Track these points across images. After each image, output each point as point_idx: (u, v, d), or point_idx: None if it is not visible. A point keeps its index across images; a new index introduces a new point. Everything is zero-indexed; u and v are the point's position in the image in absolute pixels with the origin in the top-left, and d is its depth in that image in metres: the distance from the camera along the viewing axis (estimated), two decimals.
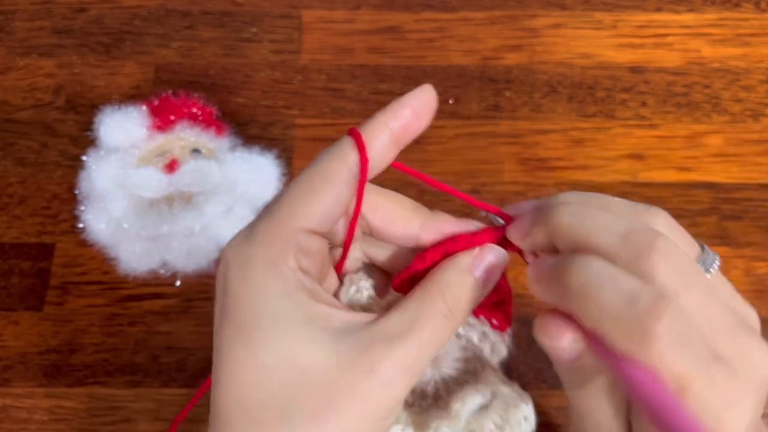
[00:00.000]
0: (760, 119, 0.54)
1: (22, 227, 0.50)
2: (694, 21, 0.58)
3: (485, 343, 0.31)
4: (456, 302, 0.27)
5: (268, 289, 0.25)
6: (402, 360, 0.25)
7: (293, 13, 0.58)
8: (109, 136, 0.50)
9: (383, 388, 0.24)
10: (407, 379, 0.25)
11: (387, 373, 0.24)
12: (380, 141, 0.27)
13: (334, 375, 0.24)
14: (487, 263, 0.28)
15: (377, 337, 0.25)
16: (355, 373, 0.24)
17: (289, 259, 0.25)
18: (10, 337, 0.47)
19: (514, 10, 0.58)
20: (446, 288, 0.27)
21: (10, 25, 0.58)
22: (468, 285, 0.28)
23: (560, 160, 0.53)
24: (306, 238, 0.26)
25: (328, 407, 0.24)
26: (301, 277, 0.26)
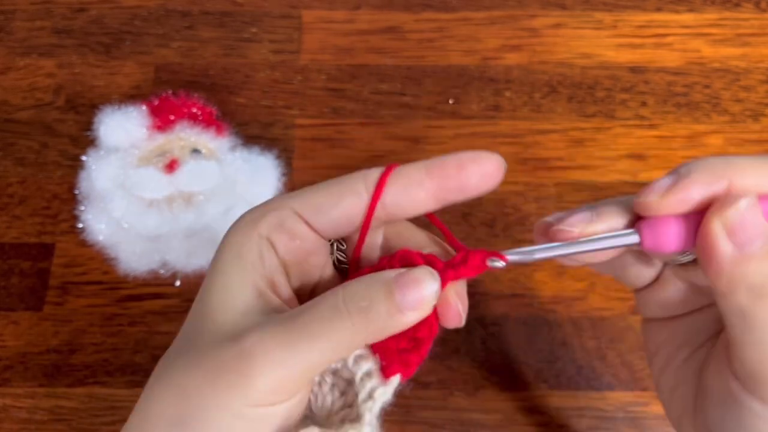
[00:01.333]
0: (760, 119, 0.54)
1: (22, 227, 0.51)
2: (694, 21, 0.58)
3: (364, 385, 0.26)
4: (354, 298, 0.24)
5: (232, 245, 0.26)
6: (269, 341, 0.23)
7: (293, 13, 0.58)
8: (109, 136, 0.50)
9: (241, 363, 0.23)
10: (273, 365, 0.23)
11: (248, 348, 0.23)
12: (414, 190, 0.26)
13: (219, 337, 0.24)
14: (409, 279, 0.25)
15: (272, 319, 0.24)
16: (228, 341, 0.24)
17: (261, 223, 0.26)
18: (10, 337, 0.47)
19: (514, 10, 0.58)
20: (350, 283, 0.25)
21: (10, 25, 0.58)
22: (378, 289, 0.24)
23: (560, 160, 0.53)
24: (291, 218, 0.26)
25: (196, 361, 0.24)
26: (264, 246, 0.26)
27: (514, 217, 0.51)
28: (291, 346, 0.23)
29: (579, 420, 0.46)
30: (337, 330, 0.24)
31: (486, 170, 0.27)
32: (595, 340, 0.48)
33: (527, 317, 0.48)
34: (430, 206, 0.27)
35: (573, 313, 0.48)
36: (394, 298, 0.24)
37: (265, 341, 0.23)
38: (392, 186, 0.26)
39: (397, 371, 0.26)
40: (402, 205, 0.27)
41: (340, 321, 0.24)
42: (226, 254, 0.26)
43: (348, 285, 0.25)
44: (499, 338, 0.48)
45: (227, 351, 0.24)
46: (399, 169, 0.27)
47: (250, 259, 0.26)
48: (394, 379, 0.26)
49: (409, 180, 0.26)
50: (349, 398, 0.26)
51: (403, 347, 0.26)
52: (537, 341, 0.48)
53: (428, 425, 0.45)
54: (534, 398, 0.46)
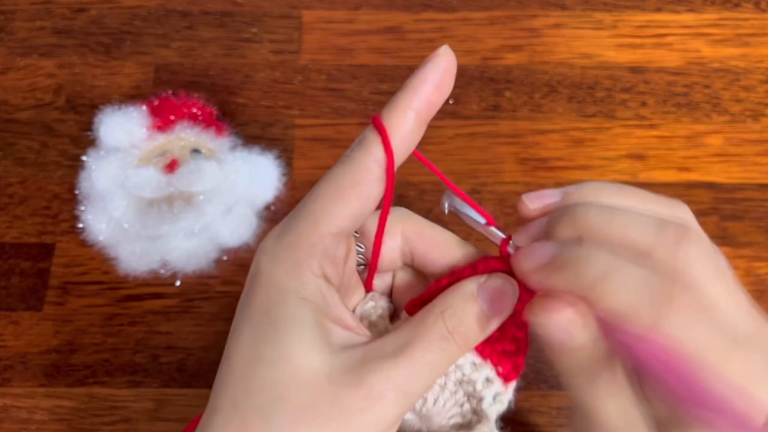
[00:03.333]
0: (760, 119, 0.54)
1: (22, 227, 0.50)
2: (694, 21, 0.58)
3: (488, 390, 0.29)
4: (456, 325, 0.26)
5: (288, 291, 0.25)
6: (392, 377, 0.24)
7: (293, 13, 0.58)
8: (109, 136, 0.50)
9: (370, 404, 0.24)
10: (397, 399, 0.24)
11: (375, 389, 0.24)
12: (406, 126, 0.27)
13: (322, 382, 0.24)
14: (493, 290, 0.27)
15: (371, 354, 0.25)
16: (342, 384, 0.24)
17: (313, 264, 0.25)
18: (10, 337, 0.47)
19: (514, 10, 0.58)
20: (447, 310, 0.26)
21: (10, 25, 0.58)
22: (470, 309, 0.26)
23: (560, 160, 0.53)
24: (333, 242, 0.26)
25: (309, 412, 0.24)
26: (322, 285, 0.26)
27: (514, 217, 0.51)
28: (416, 379, 0.25)
29: None
30: (449, 355, 0.26)
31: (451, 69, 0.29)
32: None
33: None
34: (420, 134, 0.28)
35: None
36: (484, 315, 0.26)
37: (392, 378, 0.24)
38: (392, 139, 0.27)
39: (512, 374, 0.29)
40: (402, 150, 0.27)
41: (450, 348, 0.26)
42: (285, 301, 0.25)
43: (446, 312, 0.26)
44: None
45: (350, 395, 0.24)
46: (387, 118, 0.27)
47: (317, 304, 0.25)
48: (512, 383, 0.29)
49: (403, 122, 0.27)
50: (459, 397, 0.29)
51: (509, 350, 0.28)
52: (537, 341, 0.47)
53: None
54: (534, 398, 0.46)
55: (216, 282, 0.49)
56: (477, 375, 0.28)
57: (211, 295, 0.48)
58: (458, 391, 0.29)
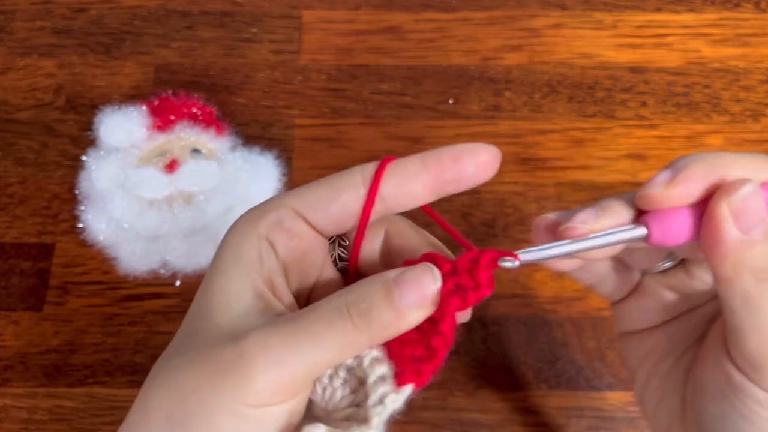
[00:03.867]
0: (760, 119, 0.54)
1: (22, 227, 0.51)
2: (694, 21, 0.58)
3: (377, 387, 0.25)
4: (356, 301, 0.24)
5: (230, 249, 0.26)
6: (269, 343, 0.23)
7: (293, 13, 0.58)
8: (109, 136, 0.50)
9: (241, 364, 0.23)
10: (273, 367, 0.23)
11: (248, 350, 0.23)
12: (411, 182, 0.26)
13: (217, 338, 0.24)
14: (411, 280, 0.25)
15: (271, 320, 0.24)
16: (227, 342, 0.24)
17: (260, 223, 0.26)
18: (10, 337, 0.47)
19: (514, 10, 0.58)
20: (352, 287, 0.25)
21: (10, 25, 0.58)
22: (378, 290, 0.24)
23: (560, 160, 0.53)
24: (290, 216, 0.26)
25: (195, 359, 0.24)
26: (263, 246, 0.26)
27: (514, 217, 0.51)
28: (292, 347, 0.23)
29: (579, 420, 0.46)
30: (339, 331, 0.24)
31: (481, 161, 0.26)
32: (595, 340, 0.48)
33: (527, 317, 0.48)
34: (426, 198, 0.27)
35: (573, 313, 0.48)
36: (393, 299, 0.24)
37: (266, 341, 0.23)
38: (389, 179, 0.26)
39: (410, 380, 0.26)
40: (399, 198, 0.27)
41: (342, 322, 0.24)
42: (226, 255, 0.26)
43: (350, 288, 0.25)
44: (499, 338, 0.48)
45: (227, 351, 0.23)
46: (395, 162, 0.27)
47: (250, 260, 0.26)
48: (406, 388, 0.26)
49: (406, 172, 0.26)
50: (359, 397, 0.26)
51: (417, 355, 0.26)
52: (537, 341, 0.48)
53: (428, 425, 0.45)
54: (534, 398, 0.46)
55: None
56: (371, 370, 0.26)
57: None
58: (359, 389, 0.26)
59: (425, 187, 0.26)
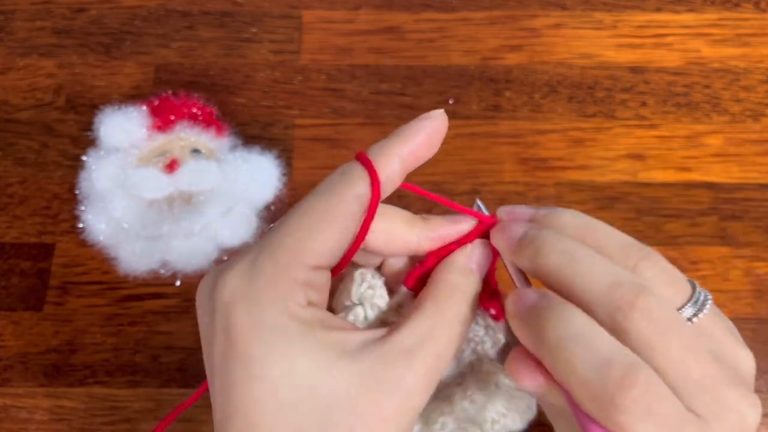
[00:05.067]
0: (760, 119, 0.54)
1: (22, 227, 0.51)
2: (694, 21, 0.58)
3: (488, 335, 0.31)
4: (465, 303, 0.27)
5: (279, 328, 0.24)
6: (423, 371, 0.25)
7: (293, 13, 0.58)
8: (109, 136, 0.50)
9: (407, 402, 0.24)
10: (429, 388, 0.25)
11: (409, 387, 0.24)
12: (390, 170, 0.27)
13: (358, 398, 0.23)
14: (479, 257, 0.29)
15: (395, 352, 0.24)
16: (378, 392, 0.24)
17: (298, 297, 0.25)
18: (10, 337, 0.47)
19: (514, 10, 0.58)
20: (456, 291, 0.27)
21: (10, 25, 0.58)
22: (473, 283, 0.28)
23: (560, 160, 0.53)
24: (313, 274, 0.25)
25: (356, 430, 0.23)
26: (313, 312, 0.25)
27: None
28: (439, 368, 0.26)
29: None
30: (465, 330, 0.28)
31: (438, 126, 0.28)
32: None
33: None
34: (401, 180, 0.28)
35: None
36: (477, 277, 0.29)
37: (419, 376, 0.25)
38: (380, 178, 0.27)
39: (501, 314, 0.30)
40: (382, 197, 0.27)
41: (466, 326, 0.28)
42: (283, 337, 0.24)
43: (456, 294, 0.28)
44: None
45: (387, 401, 0.24)
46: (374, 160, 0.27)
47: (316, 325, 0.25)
48: (503, 322, 0.31)
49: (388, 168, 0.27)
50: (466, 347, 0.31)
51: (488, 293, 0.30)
52: None
53: None
54: None
55: None
56: (477, 327, 0.31)
57: None
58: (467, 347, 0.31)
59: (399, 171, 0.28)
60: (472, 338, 0.31)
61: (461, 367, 0.31)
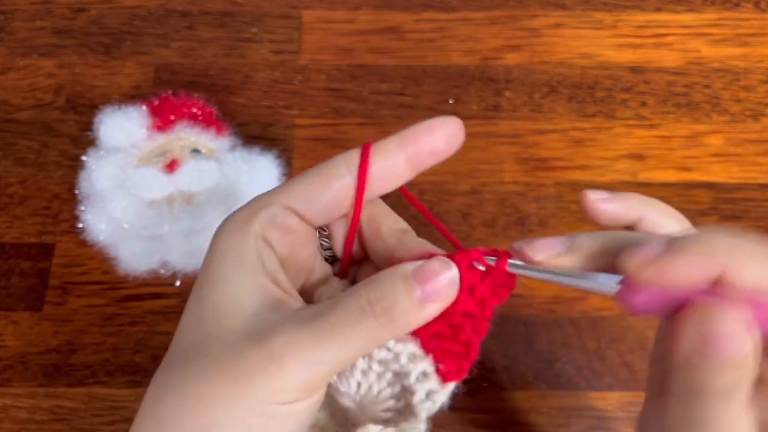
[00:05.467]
0: (760, 119, 0.54)
1: (22, 227, 0.50)
2: (694, 21, 0.58)
3: (421, 385, 0.26)
4: (379, 299, 0.24)
5: (227, 248, 0.26)
6: (296, 343, 0.24)
7: (293, 13, 0.58)
8: (109, 136, 0.50)
9: (270, 365, 0.23)
10: (298, 366, 0.24)
11: (277, 351, 0.24)
12: (393, 160, 0.27)
13: (238, 340, 0.24)
14: (429, 272, 0.25)
15: (290, 317, 0.25)
16: (251, 343, 0.24)
17: (254, 223, 0.26)
18: (10, 337, 0.47)
19: (514, 10, 0.58)
20: (372, 282, 0.25)
21: (10, 25, 0.58)
22: (398, 286, 0.25)
23: (560, 160, 0.53)
24: (282, 213, 0.27)
25: (218, 366, 0.24)
26: (261, 245, 0.26)
27: (514, 217, 0.51)
28: (320, 347, 0.24)
29: (579, 420, 0.46)
30: (364, 329, 0.24)
31: (451, 132, 0.28)
32: (595, 341, 0.48)
33: (527, 317, 0.48)
34: (406, 176, 0.28)
35: (573, 313, 0.48)
36: (415, 293, 0.25)
37: (294, 341, 0.24)
38: (373, 162, 0.27)
39: (454, 377, 0.27)
40: (382, 180, 0.27)
41: (366, 321, 0.24)
42: (224, 258, 0.26)
43: (370, 285, 0.25)
44: (499, 338, 0.48)
45: (253, 354, 0.24)
46: (375, 145, 0.27)
47: (251, 261, 0.26)
48: (451, 385, 0.27)
49: (386, 153, 0.27)
50: (397, 390, 0.27)
51: (456, 351, 0.27)
52: (537, 341, 0.48)
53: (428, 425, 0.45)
54: (534, 398, 0.46)
55: None
56: (413, 367, 0.26)
57: None
58: (395, 382, 0.27)
59: (405, 165, 0.28)
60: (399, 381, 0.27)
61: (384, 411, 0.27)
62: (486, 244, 0.49)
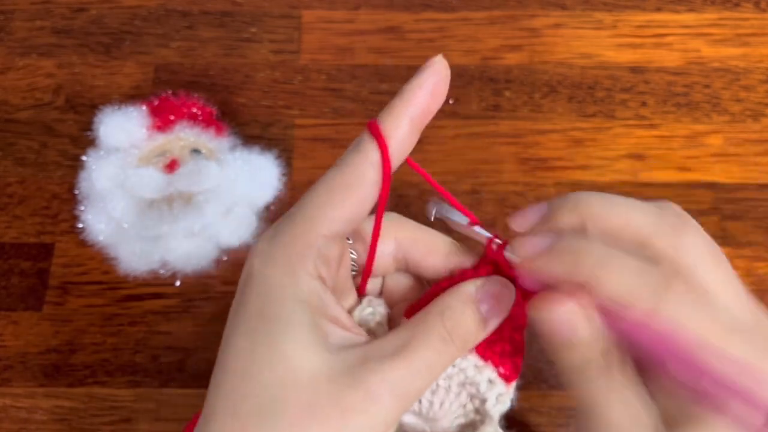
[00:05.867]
0: (760, 119, 0.54)
1: (22, 227, 0.50)
2: (694, 21, 0.58)
3: (491, 391, 0.29)
4: (454, 327, 0.26)
5: (283, 292, 0.25)
6: (392, 378, 0.24)
7: (293, 13, 0.58)
8: (109, 136, 0.50)
9: (369, 405, 0.24)
10: (395, 399, 0.24)
11: (374, 389, 0.24)
12: (401, 132, 0.27)
13: (322, 383, 0.24)
14: (491, 292, 0.28)
15: (370, 354, 0.25)
16: (342, 385, 0.24)
17: (308, 264, 0.25)
18: (10, 337, 0.47)
19: (514, 10, 0.58)
20: (446, 311, 0.27)
21: (10, 25, 0.58)
22: (468, 311, 0.27)
23: (560, 160, 0.53)
24: (327, 244, 0.26)
25: (310, 413, 0.24)
26: (317, 285, 0.26)
27: None
28: (414, 380, 0.25)
29: None
30: (449, 357, 0.26)
31: (442, 74, 0.28)
32: None
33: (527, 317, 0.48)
34: (414, 140, 0.28)
35: None
36: (479, 314, 0.27)
37: (390, 379, 0.24)
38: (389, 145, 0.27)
39: (513, 375, 0.29)
40: (397, 155, 0.27)
41: (448, 349, 0.26)
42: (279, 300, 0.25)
43: (446, 313, 0.26)
44: None
45: (350, 396, 0.24)
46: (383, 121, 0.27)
47: (313, 305, 0.25)
48: (513, 383, 0.30)
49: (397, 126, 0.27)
50: (462, 399, 0.30)
51: (508, 351, 0.29)
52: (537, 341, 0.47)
53: None
54: (534, 398, 0.46)
55: (216, 282, 0.49)
56: (480, 377, 0.29)
57: (211, 295, 0.48)
58: (462, 393, 0.29)
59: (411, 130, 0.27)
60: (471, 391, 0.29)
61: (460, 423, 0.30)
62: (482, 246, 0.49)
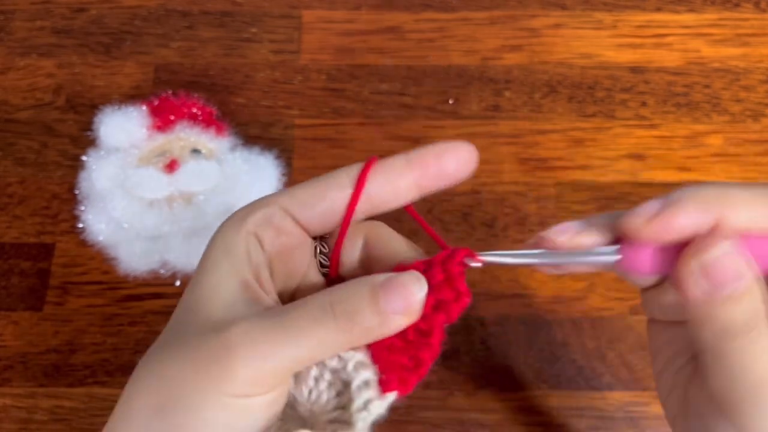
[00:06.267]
0: (760, 119, 0.54)
1: (22, 227, 0.51)
2: (694, 21, 0.58)
3: (361, 393, 0.26)
4: (342, 301, 0.24)
5: (222, 239, 0.27)
6: (250, 332, 0.24)
7: (293, 13, 0.58)
8: (109, 136, 0.50)
9: (222, 353, 0.24)
10: (249, 356, 0.23)
11: (231, 338, 0.24)
12: (398, 180, 0.27)
13: (207, 326, 0.25)
14: (396, 284, 0.25)
15: (257, 312, 0.25)
16: (216, 329, 0.24)
17: (248, 220, 0.27)
18: (10, 337, 0.47)
19: (514, 10, 0.58)
20: (340, 287, 0.25)
21: (10, 25, 0.58)
22: (362, 292, 0.25)
23: (560, 160, 0.53)
24: (279, 214, 0.27)
25: (184, 346, 0.25)
26: (250, 240, 0.27)
27: (514, 217, 0.51)
28: (275, 341, 0.24)
29: (579, 420, 0.46)
30: (323, 329, 0.24)
31: (461, 157, 0.28)
32: (595, 340, 0.48)
33: (527, 317, 0.48)
34: (411, 196, 0.28)
35: (573, 313, 0.48)
36: (379, 303, 0.25)
37: (249, 333, 0.24)
38: (375, 177, 0.27)
39: (394, 388, 0.26)
40: (385, 196, 0.27)
41: (325, 320, 0.24)
42: (215, 250, 0.27)
43: (337, 287, 0.25)
44: (499, 338, 0.48)
45: (211, 341, 0.24)
46: (381, 161, 0.27)
47: (237, 254, 0.27)
48: (390, 395, 0.26)
49: (391, 171, 0.27)
50: (344, 400, 0.27)
51: (403, 364, 0.26)
52: (537, 341, 0.48)
53: (428, 425, 0.45)
54: (534, 398, 0.46)
55: None
56: (356, 374, 0.26)
57: None
58: (344, 392, 0.26)
59: (409, 185, 0.27)
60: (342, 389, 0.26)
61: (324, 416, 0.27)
62: (486, 244, 0.49)
